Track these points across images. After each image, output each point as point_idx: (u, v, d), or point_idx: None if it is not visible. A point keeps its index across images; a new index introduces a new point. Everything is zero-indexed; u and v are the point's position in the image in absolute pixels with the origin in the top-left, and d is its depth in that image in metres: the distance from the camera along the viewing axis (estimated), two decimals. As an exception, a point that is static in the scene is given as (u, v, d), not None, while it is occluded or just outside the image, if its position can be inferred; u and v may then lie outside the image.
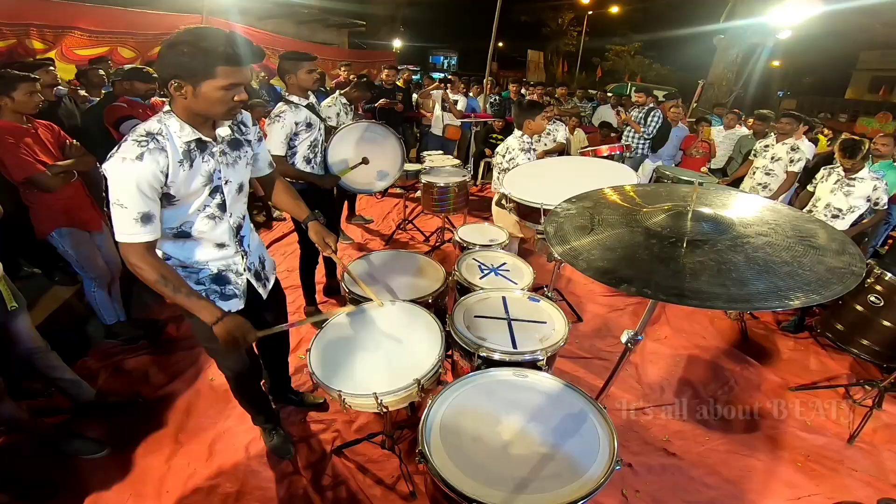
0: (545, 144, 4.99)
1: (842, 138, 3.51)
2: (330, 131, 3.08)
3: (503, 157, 3.20)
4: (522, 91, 8.18)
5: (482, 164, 6.69)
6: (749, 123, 6.36)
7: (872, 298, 2.69)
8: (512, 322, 1.97)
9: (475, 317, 1.99)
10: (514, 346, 1.82)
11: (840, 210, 3.39)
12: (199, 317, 1.50)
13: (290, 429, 2.37)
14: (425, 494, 1.99)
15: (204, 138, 1.43)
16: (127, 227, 1.32)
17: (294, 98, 2.71)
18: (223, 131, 1.52)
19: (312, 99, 2.84)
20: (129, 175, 1.27)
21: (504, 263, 2.61)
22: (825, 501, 2.23)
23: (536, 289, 2.36)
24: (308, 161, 2.81)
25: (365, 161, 3.08)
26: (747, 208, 1.38)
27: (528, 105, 3.22)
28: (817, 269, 1.06)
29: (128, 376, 2.71)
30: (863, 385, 2.93)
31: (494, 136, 6.23)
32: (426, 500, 1.88)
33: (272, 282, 1.95)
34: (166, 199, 1.39)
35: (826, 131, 6.61)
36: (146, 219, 1.33)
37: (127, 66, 3.49)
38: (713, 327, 3.69)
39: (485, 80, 7.15)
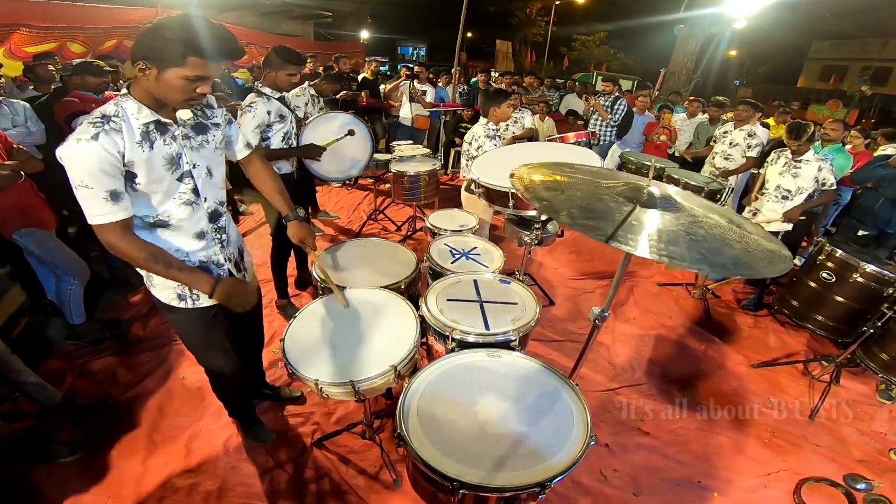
0: (513, 132, 5.04)
1: (789, 122, 3.68)
2: (299, 122, 3.04)
3: (470, 144, 3.24)
4: (491, 80, 8.21)
5: (452, 152, 6.71)
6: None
7: (824, 275, 2.84)
8: (484, 304, 2.00)
9: (448, 300, 2.01)
10: (487, 327, 1.84)
11: (789, 191, 3.54)
12: (197, 288, 1.54)
13: (269, 424, 2.35)
14: (408, 481, 2.02)
15: (163, 120, 1.42)
16: (97, 209, 1.30)
17: (266, 90, 2.66)
18: (184, 114, 1.50)
19: (284, 92, 2.80)
20: (86, 155, 1.25)
21: (475, 248, 2.64)
22: (793, 477, 2.32)
23: (508, 274, 2.40)
24: None
25: (351, 133, 3.07)
26: (685, 198, 1.43)
27: (493, 93, 3.26)
28: (762, 248, 1.15)
29: (95, 378, 2.63)
30: (820, 361, 3.08)
31: (464, 125, 6.24)
32: (409, 488, 1.90)
33: (251, 274, 1.94)
34: (129, 179, 1.37)
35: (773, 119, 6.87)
36: (115, 196, 1.32)
37: (76, 61, 3.35)
38: (678, 307, 3.84)
39: (453, 70, 7.17)
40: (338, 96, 5.58)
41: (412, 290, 2.26)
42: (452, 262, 2.45)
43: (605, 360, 3.07)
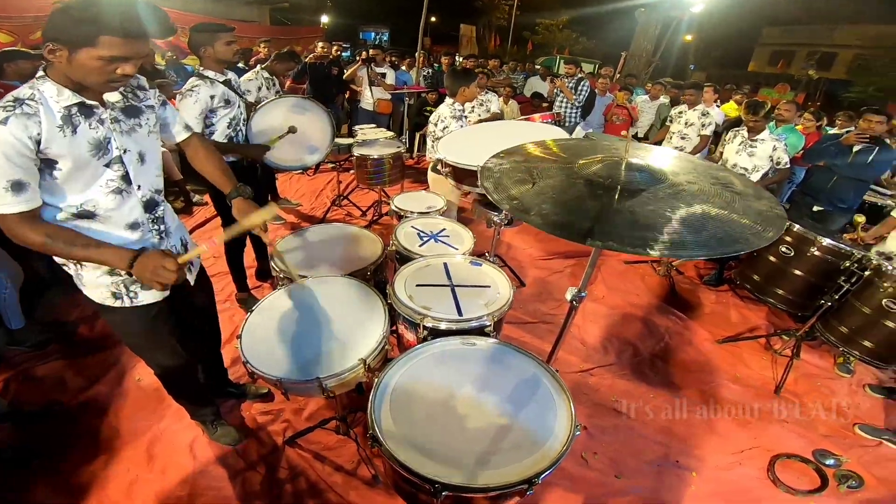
0: (479, 115, 4.96)
1: (747, 100, 3.79)
2: (251, 108, 2.87)
3: (435, 125, 3.16)
4: (455, 64, 8.11)
5: (417, 136, 6.62)
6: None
7: (783, 249, 2.91)
8: (455, 288, 1.94)
9: (417, 285, 1.94)
10: (460, 313, 1.78)
11: (746, 169, 3.64)
12: (110, 265, 1.38)
13: (236, 423, 2.25)
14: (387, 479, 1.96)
15: (88, 102, 1.30)
16: None
17: (209, 73, 2.48)
18: (113, 97, 1.37)
19: (230, 75, 2.62)
20: None
21: (444, 229, 2.58)
22: (765, 454, 2.37)
23: (478, 255, 2.35)
24: (230, 140, 2.63)
25: (292, 130, 2.91)
26: (667, 160, 1.38)
27: (461, 72, 3.19)
28: (749, 213, 1.09)
29: (41, 384, 2.44)
30: (781, 335, 3.17)
31: (428, 108, 6.15)
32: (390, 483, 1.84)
33: (197, 266, 1.83)
34: (47, 166, 1.25)
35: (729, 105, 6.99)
36: (17, 187, 1.19)
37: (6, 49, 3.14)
38: (644, 284, 3.91)
39: (417, 54, 7.05)
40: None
41: (379, 277, 2.18)
42: (421, 246, 2.38)
43: (577, 341, 3.08)
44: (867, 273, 2.54)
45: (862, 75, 18.44)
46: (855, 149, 3.39)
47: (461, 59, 8.59)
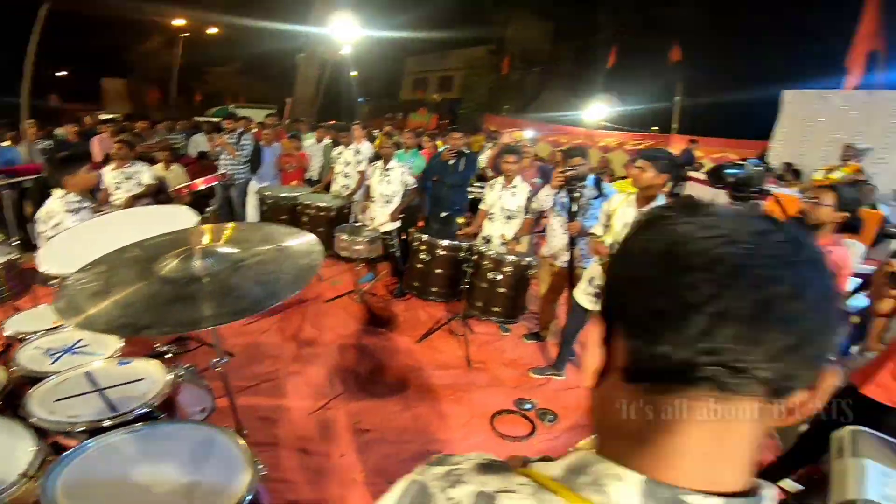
0: (129, 191, 4.36)
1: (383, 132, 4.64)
2: None
3: (46, 223, 2.64)
4: (97, 127, 6.85)
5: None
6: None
7: (423, 256, 3.65)
8: (105, 391, 1.78)
9: (56, 401, 1.72)
10: (115, 410, 1.67)
11: (388, 196, 4.46)
12: None
13: None
14: None
15: None
16: None
17: None
18: None
19: None
20: None
21: (80, 340, 2.22)
22: (483, 419, 2.87)
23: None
24: None
25: None
26: (238, 235, 1.68)
27: (62, 160, 2.74)
28: (292, 270, 1.46)
29: None
30: (455, 319, 3.90)
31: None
32: None
33: None
34: None
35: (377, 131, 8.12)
36: None
37: None
38: (348, 314, 4.26)
39: (23, 124, 5.57)
40: None
41: (13, 402, 1.78)
42: (53, 363, 2.03)
43: (303, 386, 3.17)
44: (475, 257, 3.45)
45: (467, 93, 23.12)
46: (450, 162, 4.50)
47: (101, 124, 7.32)
